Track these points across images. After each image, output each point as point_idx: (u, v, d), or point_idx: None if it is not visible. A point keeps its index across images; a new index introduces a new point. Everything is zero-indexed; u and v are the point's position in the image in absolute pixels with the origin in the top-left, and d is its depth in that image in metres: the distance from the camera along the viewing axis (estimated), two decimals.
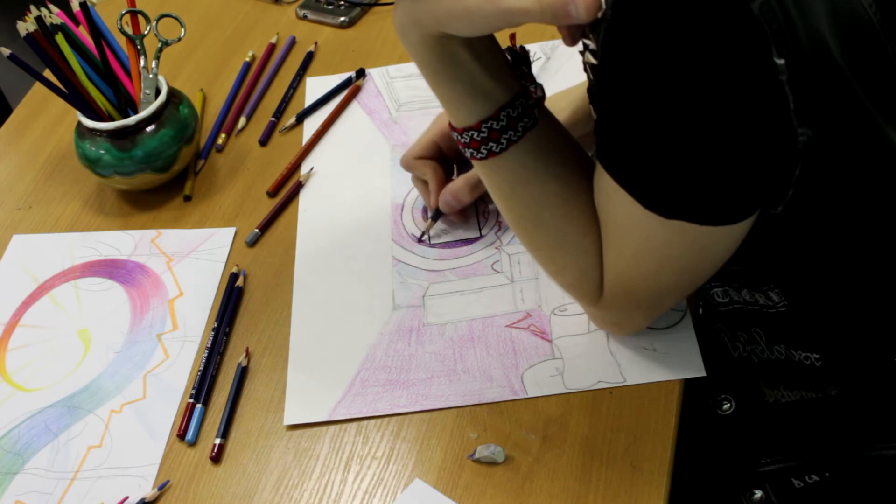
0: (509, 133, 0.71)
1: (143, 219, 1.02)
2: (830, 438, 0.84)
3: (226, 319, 0.89)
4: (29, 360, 0.90)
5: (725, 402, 0.88)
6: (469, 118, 0.71)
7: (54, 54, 0.95)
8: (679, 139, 0.61)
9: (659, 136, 0.62)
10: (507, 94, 0.70)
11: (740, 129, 0.60)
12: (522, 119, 0.71)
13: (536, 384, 0.80)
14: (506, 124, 0.71)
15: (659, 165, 0.63)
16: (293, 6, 1.26)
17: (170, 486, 0.79)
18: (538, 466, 0.75)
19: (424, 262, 0.92)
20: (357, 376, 0.83)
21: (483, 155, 0.72)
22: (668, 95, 0.59)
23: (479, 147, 0.72)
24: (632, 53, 0.60)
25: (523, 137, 0.71)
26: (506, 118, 0.70)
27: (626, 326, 0.81)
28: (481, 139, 0.71)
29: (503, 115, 0.70)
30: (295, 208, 1.00)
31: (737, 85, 0.58)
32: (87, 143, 0.99)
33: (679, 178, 0.63)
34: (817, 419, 0.84)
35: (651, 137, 0.62)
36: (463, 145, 0.73)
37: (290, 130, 1.09)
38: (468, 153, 0.73)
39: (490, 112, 0.70)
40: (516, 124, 0.71)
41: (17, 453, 0.83)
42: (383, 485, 0.76)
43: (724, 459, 0.87)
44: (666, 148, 0.62)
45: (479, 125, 0.70)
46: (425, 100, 1.09)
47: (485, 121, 0.70)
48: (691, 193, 0.64)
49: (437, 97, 0.72)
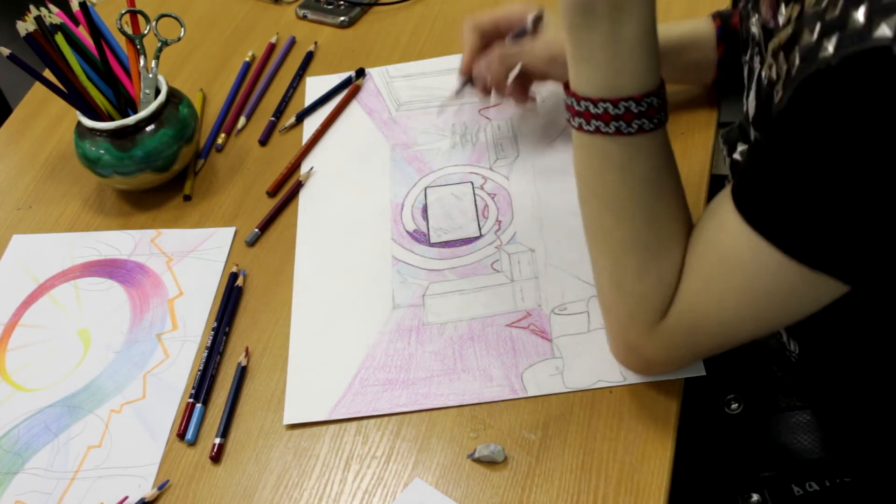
0: (662, 114, 0.68)
1: (142, 219, 1.02)
2: (834, 448, 0.85)
3: (225, 319, 0.89)
4: (29, 360, 0.90)
5: (734, 402, 0.88)
6: (635, 86, 0.67)
7: (54, 54, 0.95)
8: (866, 201, 0.59)
9: (844, 195, 0.59)
10: (660, 75, 0.69)
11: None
12: (666, 105, 0.69)
13: (536, 383, 0.80)
14: (662, 102, 0.68)
15: (829, 221, 0.61)
16: (293, 6, 1.26)
17: (170, 486, 0.79)
18: (538, 466, 0.75)
19: (424, 262, 0.92)
20: (357, 376, 0.83)
21: (633, 130, 0.68)
22: (877, 160, 0.57)
23: (631, 121, 0.67)
24: (853, 110, 0.57)
25: (662, 127, 0.69)
26: (663, 97, 0.68)
27: (658, 366, 0.77)
28: (638, 112, 0.67)
29: (662, 92, 0.68)
30: (295, 208, 1.00)
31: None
32: (86, 143, 0.99)
33: (841, 233, 0.61)
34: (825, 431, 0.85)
35: (834, 194, 0.59)
36: (592, 117, 0.69)
37: (289, 130, 1.09)
38: (594, 126, 0.69)
39: (653, 87, 0.67)
40: (666, 106, 0.69)
41: (17, 453, 0.83)
42: (383, 484, 0.76)
43: (724, 461, 0.87)
44: (846, 206, 0.60)
45: (642, 97, 0.67)
46: (425, 99, 1.09)
47: (649, 94, 0.67)
48: (849, 249, 0.62)
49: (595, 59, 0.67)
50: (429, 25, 1.20)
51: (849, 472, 0.83)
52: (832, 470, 0.84)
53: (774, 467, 0.85)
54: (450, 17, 1.21)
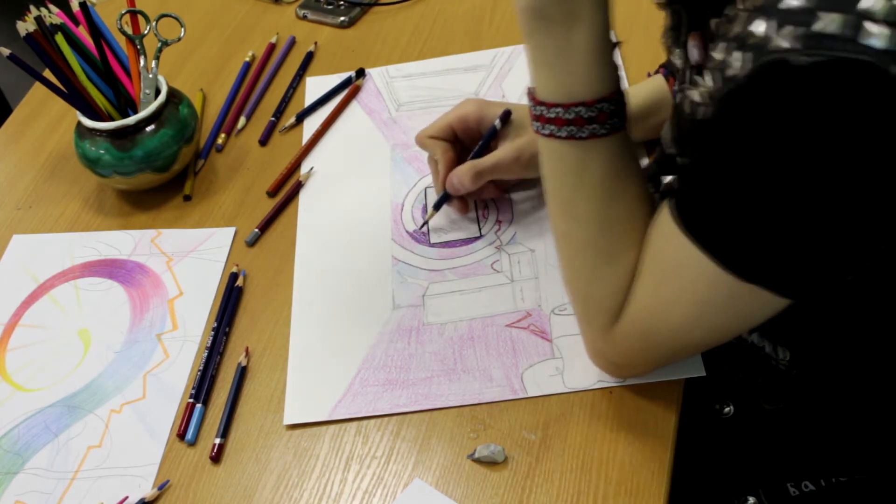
0: (615, 119, 0.69)
1: (142, 219, 1.02)
2: (826, 446, 0.85)
3: (226, 319, 0.89)
4: (29, 360, 0.90)
5: (726, 406, 0.88)
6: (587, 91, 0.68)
7: (54, 54, 0.95)
8: (789, 212, 0.59)
9: (767, 206, 0.60)
10: (616, 82, 0.69)
11: (856, 210, 0.58)
12: (624, 109, 0.70)
13: (536, 384, 0.80)
14: (615, 109, 0.69)
15: (756, 232, 0.61)
16: (293, 6, 1.26)
17: (170, 486, 0.79)
18: (538, 466, 0.75)
19: (424, 262, 0.92)
20: (357, 376, 0.83)
21: (584, 135, 0.69)
22: (792, 172, 0.58)
23: (582, 126, 0.69)
24: (764, 123, 0.58)
25: (621, 130, 0.70)
26: (616, 103, 0.69)
27: (626, 369, 0.77)
28: (588, 117, 0.68)
29: (615, 99, 0.69)
30: (295, 208, 1.00)
31: (870, 172, 0.56)
32: (86, 143, 0.99)
33: (775, 248, 0.61)
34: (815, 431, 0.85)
35: (757, 206, 0.60)
36: (546, 121, 0.70)
37: (289, 130, 1.09)
38: (548, 130, 0.70)
39: (606, 92, 0.68)
40: (622, 112, 0.69)
41: (17, 453, 0.83)
42: (383, 484, 0.76)
43: (719, 464, 0.87)
44: (771, 218, 0.60)
45: (593, 103, 0.68)
46: (425, 99, 1.09)
47: (600, 100, 0.68)
48: (783, 264, 0.62)
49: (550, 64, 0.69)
50: (429, 25, 1.20)
51: (844, 471, 0.83)
52: (827, 469, 0.84)
53: (769, 468, 0.85)
54: (450, 17, 1.21)
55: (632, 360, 0.76)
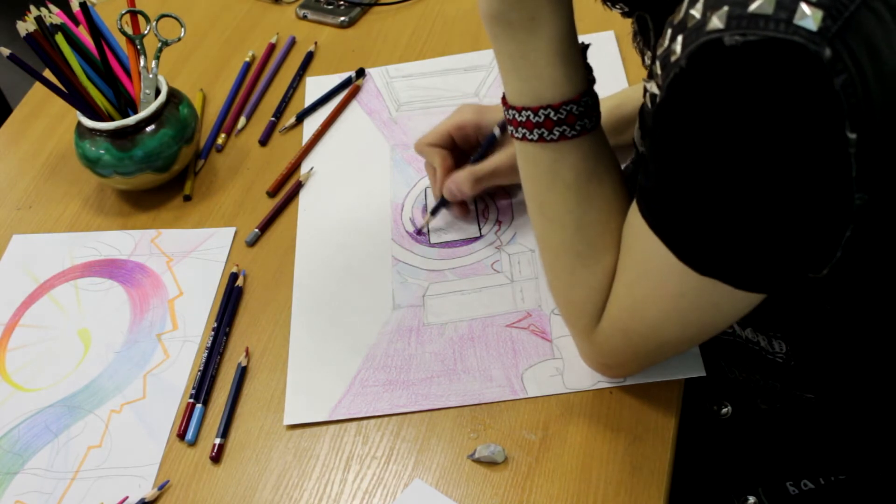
0: (585, 121, 0.69)
1: (142, 219, 1.02)
2: (825, 445, 0.85)
3: (226, 319, 0.89)
4: (29, 360, 0.90)
5: (724, 406, 0.89)
6: (554, 94, 0.68)
7: (54, 54, 0.95)
8: (733, 200, 0.59)
9: (712, 194, 0.60)
10: (585, 84, 0.70)
11: (799, 197, 0.58)
12: (596, 111, 0.70)
13: (536, 384, 0.80)
14: (584, 111, 0.69)
15: (706, 222, 0.62)
16: (293, 6, 1.26)
17: (170, 486, 0.79)
18: (538, 466, 0.75)
19: (424, 262, 0.92)
20: (357, 376, 0.83)
21: (555, 137, 0.69)
22: (731, 156, 0.58)
23: (552, 128, 0.69)
24: (701, 107, 0.58)
25: (593, 131, 0.70)
26: (585, 105, 0.69)
27: (615, 368, 0.77)
28: (557, 119, 0.69)
29: (584, 101, 0.69)
30: (295, 208, 1.00)
31: (804, 155, 0.56)
32: (87, 143, 0.99)
33: (725, 239, 0.61)
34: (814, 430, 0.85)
35: (703, 194, 0.60)
36: (518, 124, 0.70)
37: (289, 130, 1.09)
38: (521, 133, 0.71)
39: (573, 95, 0.68)
40: (593, 114, 0.70)
41: (17, 453, 0.83)
42: (383, 485, 0.76)
43: (718, 464, 0.88)
44: (717, 207, 0.60)
45: (560, 105, 0.68)
46: (425, 100, 1.09)
47: (568, 102, 0.68)
48: (735, 255, 0.62)
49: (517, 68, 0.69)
50: (429, 25, 1.20)
51: (843, 469, 0.83)
52: (827, 468, 0.84)
53: (768, 468, 0.85)
54: (450, 17, 1.21)
55: (618, 359, 0.76)
